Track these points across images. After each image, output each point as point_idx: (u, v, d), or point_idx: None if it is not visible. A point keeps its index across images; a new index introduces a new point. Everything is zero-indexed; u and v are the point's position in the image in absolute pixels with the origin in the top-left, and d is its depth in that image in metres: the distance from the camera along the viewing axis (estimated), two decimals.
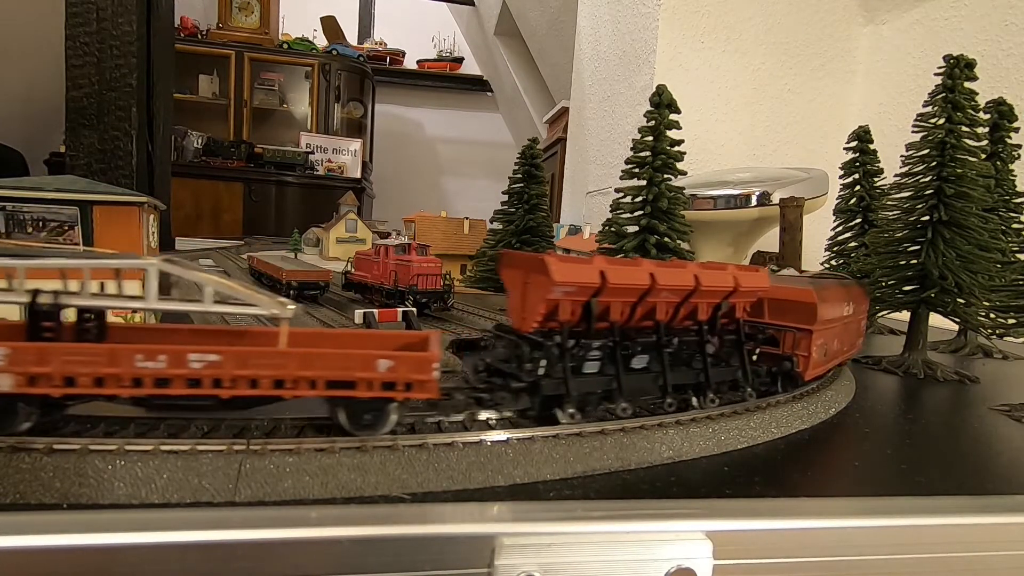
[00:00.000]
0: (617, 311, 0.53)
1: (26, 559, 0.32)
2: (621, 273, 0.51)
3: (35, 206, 0.75)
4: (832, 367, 0.78)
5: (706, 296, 0.57)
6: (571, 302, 0.50)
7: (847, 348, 0.83)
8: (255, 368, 0.42)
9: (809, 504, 0.46)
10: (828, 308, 0.70)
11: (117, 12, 1.37)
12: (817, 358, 0.69)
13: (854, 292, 0.84)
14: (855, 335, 0.87)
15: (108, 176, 1.39)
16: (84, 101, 1.37)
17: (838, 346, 0.77)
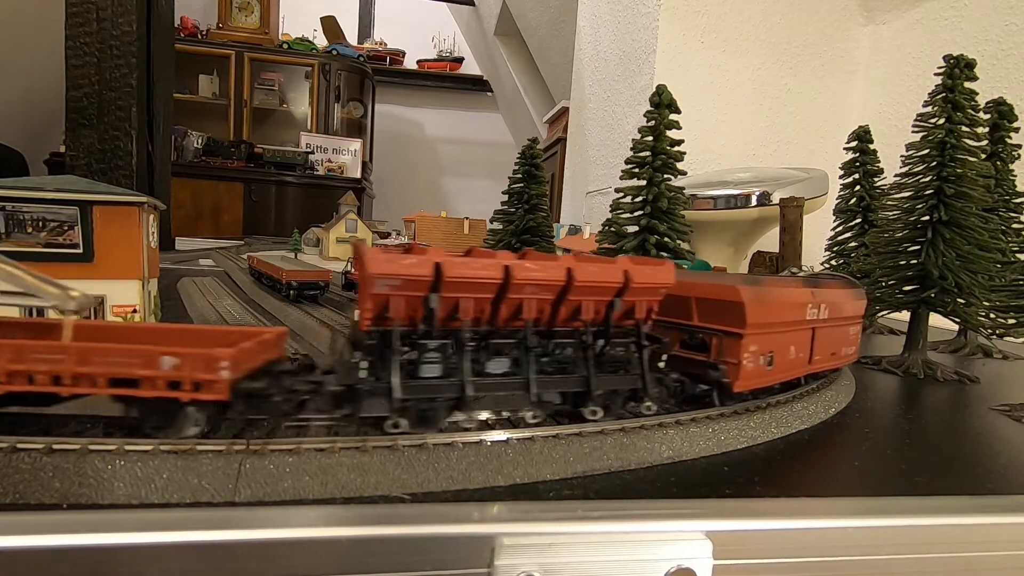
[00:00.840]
0: (473, 309, 0.47)
1: (26, 559, 0.32)
2: (464, 266, 0.45)
3: (35, 206, 0.74)
4: (792, 378, 0.69)
5: (588, 293, 0.50)
6: (405, 298, 0.45)
7: (823, 357, 0.73)
8: (30, 363, 0.39)
9: (809, 504, 0.46)
10: (767, 309, 0.60)
11: (117, 12, 1.37)
12: (752, 368, 0.59)
13: (834, 294, 0.74)
14: (838, 342, 0.76)
15: (108, 176, 1.39)
16: (84, 101, 1.37)
17: (799, 354, 0.67)
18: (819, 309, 0.69)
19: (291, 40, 4.50)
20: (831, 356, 0.75)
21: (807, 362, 0.70)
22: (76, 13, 1.35)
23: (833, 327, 0.73)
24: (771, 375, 0.63)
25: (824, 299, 0.70)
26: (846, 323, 0.77)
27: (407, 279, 0.44)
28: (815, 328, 0.69)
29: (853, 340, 0.80)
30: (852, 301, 0.79)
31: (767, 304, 0.60)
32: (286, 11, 4.69)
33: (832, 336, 0.74)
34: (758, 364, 0.60)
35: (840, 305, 0.75)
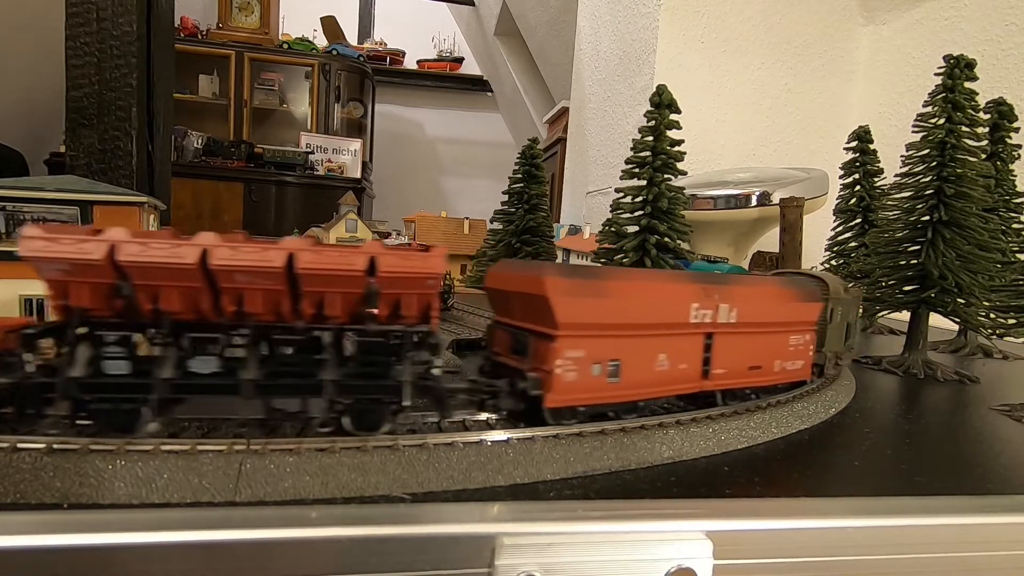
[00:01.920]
0: (179, 300, 0.41)
1: (26, 559, 0.32)
2: (145, 249, 0.39)
3: (35, 206, 0.75)
4: (668, 395, 0.56)
5: (321, 284, 0.42)
6: (86, 284, 0.39)
7: (734, 370, 0.60)
8: None
9: (809, 504, 0.46)
10: (598, 305, 0.49)
11: (117, 12, 1.37)
12: (574, 378, 0.48)
13: (753, 292, 0.61)
14: (768, 353, 0.63)
15: (108, 176, 1.39)
16: (84, 101, 1.37)
17: (677, 365, 0.55)
18: (718, 310, 0.57)
19: (291, 40, 4.50)
20: (752, 371, 0.61)
21: (699, 376, 0.57)
22: (76, 13, 1.35)
23: (753, 334, 0.60)
24: (616, 390, 0.51)
25: (730, 298, 0.57)
26: (780, 330, 0.63)
27: (75, 263, 0.38)
28: (713, 333, 0.57)
29: (799, 352, 0.66)
30: (792, 304, 0.64)
31: (599, 299, 0.49)
32: (286, 11, 4.69)
33: (753, 346, 0.61)
34: (587, 374, 0.49)
35: (765, 307, 0.61)
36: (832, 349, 0.77)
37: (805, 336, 0.67)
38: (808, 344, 0.67)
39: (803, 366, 0.67)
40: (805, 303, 0.66)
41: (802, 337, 0.67)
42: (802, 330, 0.67)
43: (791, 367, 0.66)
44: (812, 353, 0.68)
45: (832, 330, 0.75)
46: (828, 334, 0.74)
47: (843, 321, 0.79)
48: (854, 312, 0.86)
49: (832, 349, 0.77)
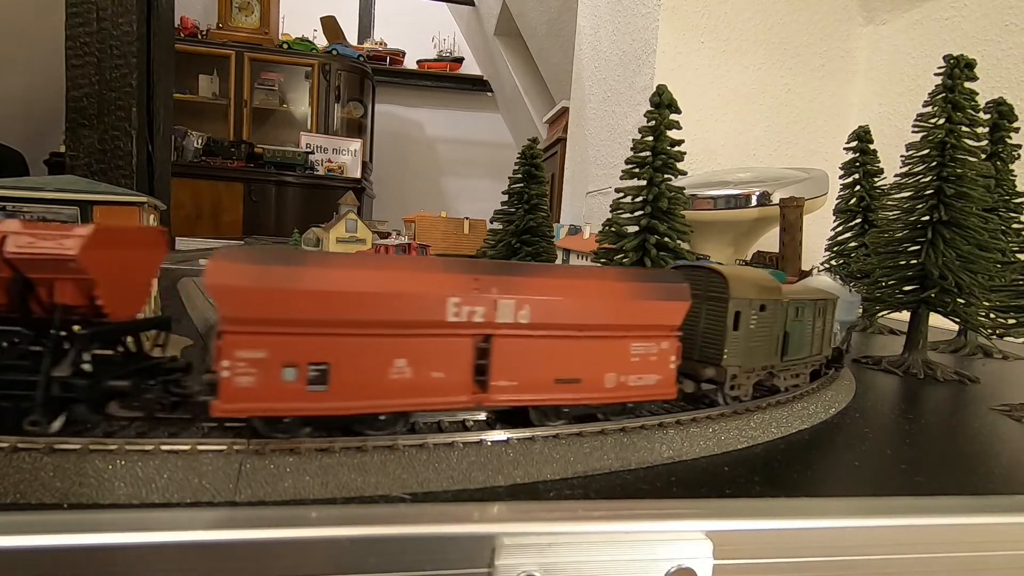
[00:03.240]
0: None
1: (26, 559, 0.32)
2: None
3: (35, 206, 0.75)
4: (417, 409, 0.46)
5: None
6: None
7: (531, 383, 0.48)
8: None
9: (809, 504, 0.46)
10: (292, 299, 0.40)
11: (117, 12, 1.37)
12: (248, 384, 0.39)
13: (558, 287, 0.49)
14: (593, 364, 0.50)
15: (108, 176, 1.39)
16: (84, 101, 1.37)
17: (430, 374, 0.44)
18: (497, 307, 0.45)
19: (291, 40, 4.50)
20: (562, 385, 0.49)
21: (470, 388, 0.46)
22: (76, 13, 1.35)
23: (561, 338, 0.48)
24: (322, 400, 0.41)
25: (518, 293, 0.46)
26: (611, 335, 0.51)
27: None
28: (492, 336, 0.46)
29: (651, 364, 0.52)
30: (635, 303, 0.51)
31: (293, 289, 0.40)
32: (286, 11, 4.69)
33: (562, 354, 0.49)
34: (273, 379, 0.40)
35: (581, 306, 0.49)
36: (744, 364, 0.61)
37: (661, 344, 0.53)
38: (667, 354, 0.53)
39: (659, 382, 0.53)
40: (658, 302, 0.52)
41: (654, 345, 0.52)
42: (654, 336, 0.53)
43: (636, 382, 0.52)
44: (674, 366, 0.54)
45: (740, 340, 0.60)
46: (731, 344, 0.60)
47: (770, 329, 0.64)
48: (815, 318, 0.72)
49: (744, 364, 0.61)
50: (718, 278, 0.61)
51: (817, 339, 0.74)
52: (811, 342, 0.72)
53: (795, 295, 0.68)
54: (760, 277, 0.66)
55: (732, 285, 0.60)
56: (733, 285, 0.60)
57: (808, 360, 0.73)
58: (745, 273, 0.64)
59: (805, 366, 0.73)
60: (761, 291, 0.63)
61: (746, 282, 0.62)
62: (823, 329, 0.75)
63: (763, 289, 0.64)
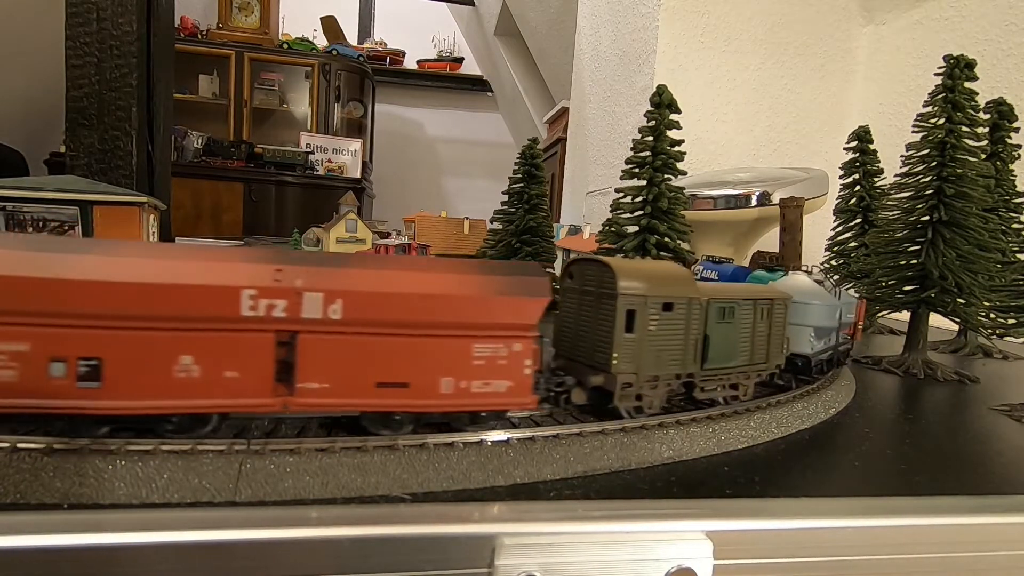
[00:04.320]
0: None
1: (26, 559, 0.32)
2: None
3: (35, 206, 0.75)
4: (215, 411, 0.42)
5: None
6: None
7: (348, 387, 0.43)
8: None
9: (809, 504, 0.46)
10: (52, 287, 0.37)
11: (117, 12, 1.37)
12: (9, 377, 0.37)
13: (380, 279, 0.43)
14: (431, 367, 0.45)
15: (108, 176, 1.39)
16: (84, 101, 1.37)
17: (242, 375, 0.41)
18: (303, 301, 0.41)
19: (291, 40, 4.50)
20: (386, 390, 0.44)
21: (271, 390, 0.41)
22: (76, 13, 1.35)
23: (384, 337, 0.43)
24: (96, 397, 0.38)
25: (329, 286, 0.41)
26: (447, 335, 0.45)
27: None
28: (298, 333, 0.41)
29: (499, 369, 0.46)
30: (479, 299, 0.45)
31: (57, 278, 0.37)
32: (286, 11, 4.69)
33: (386, 355, 0.43)
34: (36, 374, 0.37)
35: (409, 302, 0.43)
36: (642, 371, 0.54)
37: (512, 346, 0.46)
38: (520, 358, 0.47)
39: (511, 388, 0.47)
40: (507, 298, 0.45)
41: (504, 347, 0.46)
42: (503, 337, 0.46)
43: (482, 388, 0.46)
44: (529, 371, 0.47)
45: (636, 344, 0.53)
46: (622, 347, 0.53)
47: (682, 332, 0.57)
48: (756, 320, 0.64)
49: (642, 371, 0.54)
50: (607, 271, 0.54)
51: (760, 344, 0.65)
52: (751, 347, 0.64)
53: (720, 293, 0.61)
54: (667, 271, 0.58)
55: (622, 279, 0.53)
56: (623, 279, 0.53)
57: (749, 369, 0.64)
58: (644, 266, 0.57)
59: (746, 375, 0.64)
60: (665, 287, 0.55)
61: (642, 276, 0.54)
62: (768, 333, 0.65)
63: (668, 285, 0.55)
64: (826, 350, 0.78)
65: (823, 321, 0.75)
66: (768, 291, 0.67)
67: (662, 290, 0.55)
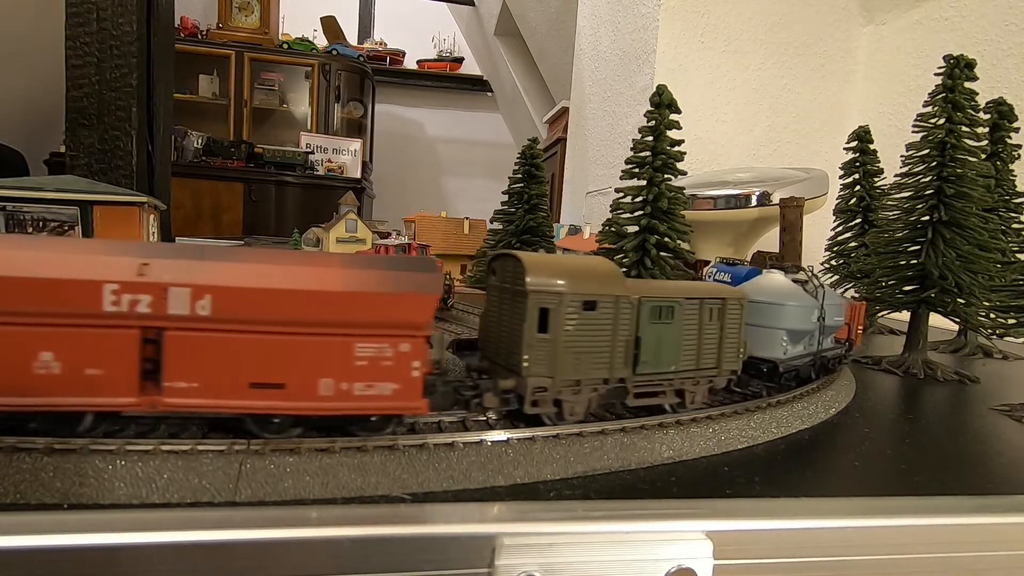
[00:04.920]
0: None
1: (26, 559, 0.32)
2: None
3: (35, 206, 0.75)
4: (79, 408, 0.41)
5: None
6: None
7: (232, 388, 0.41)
8: None
9: (809, 504, 0.46)
10: None
11: (117, 12, 1.37)
12: None
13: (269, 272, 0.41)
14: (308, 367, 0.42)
15: (108, 176, 1.39)
16: (84, 101, 1.37)
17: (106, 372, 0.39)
18: (169, 297, 0.39)
19: (291, 40, 4.50)
20: (260, 390, 0.41)
21: (136, 389, 0.40)
22: (76, 13, 1.35)
23: (258, 335, 0.41)
24: None
25: (198, 280, 0.40)
26: (326, 333, 0.42)
27: None
28: (164, 330, 0.40)
29: (384, 371, 0.43)
30: (362, 296, 0.42)
31: None
32: (286, 11, 4.69)
33: (260, 353, 0.41)
34: None
35: (284, 298, 0.41)
36: (559, 375, 0.50)
37: (399, 346, 0.43)
38: (407, 359, 0.44)
39: (397, 392, 0.44)
40: (391, 294, 0.43)
41: (389, 348, 0.43)
42: (388, 337, 0.43)
43: (365, 391, 0.43)
44: (418, 373, 0.44)
45: (551, 345, 0.49)
46: (534, 349, 0.49)
47: (609, 333, 0.52)
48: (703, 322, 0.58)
49: (559, 375, 0.50)
50: (519, 266, 0.50)
51: (709, 348, 0.59)
52: (697, 351, 0.58)
53: (655, 291, 0.55)
54: (590, 267, 0.53)
55: (533, 275, 0.48)
56: (535, 275, 0.48)
57: (696, 374, 0.59)
58: (564, 261, 0.52)
59: (693, 382, 0.59)
60: (585, 284, 0.51)
61: (559, 272, 0.50)
62: (719, 336, 0.60)
63: (589, 282, 0.51)
64: (804, 355, 0.73)
65: (798, 324, 0.70)
66: (720, 290, 0.62)
67: (582, 287, 0.50)
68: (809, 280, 0.75)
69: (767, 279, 0.74)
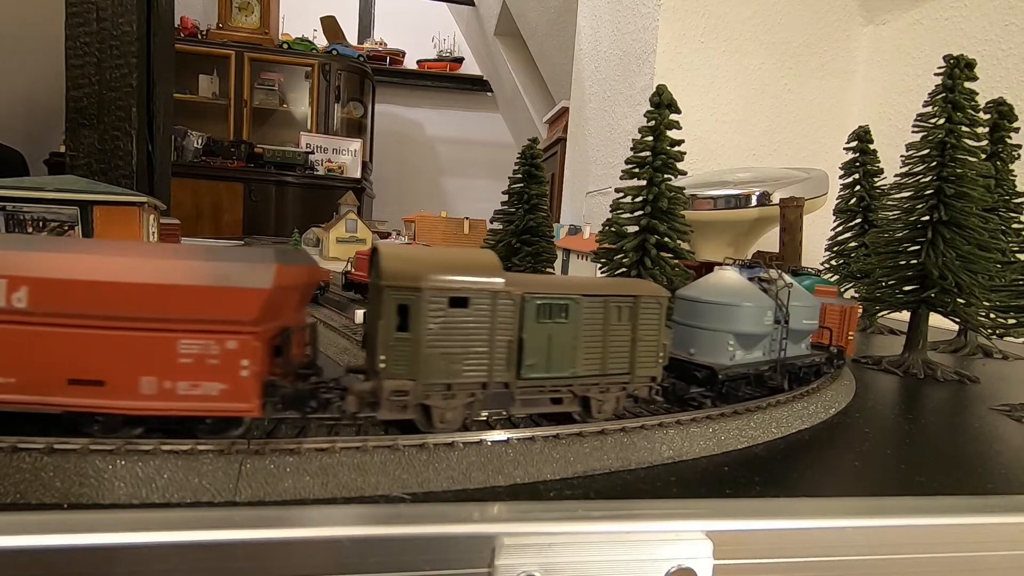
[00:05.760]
0: None
1: (26, 559, 0.32)
2: None
3: (35, 206, 0.75)
4: None
5: None
6: None
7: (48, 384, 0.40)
8: None
9: (809, 504, 0.46)
10: None
11: (117, 12, 1.37)
12: None
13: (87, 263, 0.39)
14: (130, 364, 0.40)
15: (108, 176, 1.39)
16: (84, 101, 1.37)
17: None
18: None
19: (291, 40, 4.50)
20: (80, 387, 0.40)
21: None
22: (76, 13, 1.35)
23: (78, 330, 0.39)
24: None
25: (11, 271, 0.38)
26: (148, 327, 0.40)
27: None
28: None
29: (213, 369, 0.41)
30: (177, 287, 0.39)
31: None
32: (286, 11, 4.69)
33: (78, 348, 0.39)
34: None
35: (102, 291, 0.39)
36: (423, 377, 0.45)
37: (226, 344, 0.41)
38: (235, 357, 0.41)
39: (224, 392, 0.41)
40: (216, 287, 0.40)
41: (216, 345, 0.41)
42: (214, 333, 0.41)
43: (190, 391, 0.41)
44: (247, 372, 0.41)
45: (413, 345, 0.45)
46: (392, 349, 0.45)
47: (486, 333, 0.47)
48: (608, 322, 0.52)
49: (423, 377, 0.45)
50: (378, 259, 0.46)
51: (618, 351, 0.53)
52: (602, 355, 0.52)
53: (545, 288, 0.50)
54: (461, 260, 0.48)
55: (389, 269, 0.44)
56: (392, 269, 0.44)
57: (602, 380, 0.53)
58: (430, 255, 0.48)
59: (601, 388, 0.53)
60: (454, 278, 0.46)
61: (420, 265, 0.45)
62: (631, 338, 0.53)
63: (458, 276, 0.46)
64: (760, 362, 0.66)
65: (748, 327, 0.63)
66: (633, 286, 0.55)
67: (449, 282, 0.46)
68: (776, 279, 0.69)
69: (717, 277, 0.68)
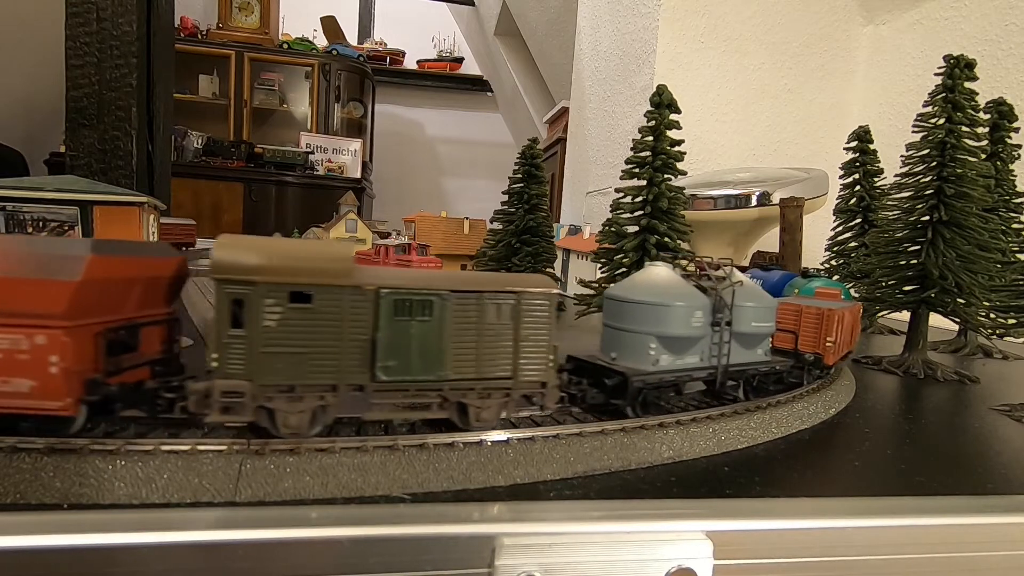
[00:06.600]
0: None
1: (26, 559, 0.32)
2: None
3: (35, 206, 0.75)
4: None
5: None
6: None
7: None
8: None
9: (809, 504, 0.46)
10: None
11: (117, 12, 1.37)
12: None
13: None
14: None
15: (108, 176, 1.39)
16: (84, 101, 1.37)
17: None
18: None
19: (291, 40, 4.50)
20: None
21: None
22: (76, 13, 1.35)
23: None
24: None
25: None
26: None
27: None
28: None
29: (21, 365, 0.39)
30: None
31: None
32: (286, 11, 4.69)
33: None
34: None
35: None
36: (262, 378, 0.42)
37: (34, 339, 0.39)
38: (44, 353, 0.39)
39: (34, 389, 0.39)
40: (19, 280, 0.38)
41: (24, 339, 0.39)
42: (21, 327, 0.39)
43: (0, 387, 0.39)
44: (57, 369, 0.39)
45: (249, 343, 0.41)
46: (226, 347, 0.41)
47: (333, 332, 0.43)
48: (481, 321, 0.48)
49: (262, 378, 0.42)
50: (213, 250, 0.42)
51: (497, 353, 0.49)
52: (476, 357, 0.48)
53: (406, 282, 0.45)
54: (307, 251, 0.44)
55: (221, 261, 0.41)
56: (224, 261, 0.41)
57: (479, 384, 0.48)
58: (273, 245, 0.43)
59: (479, 393, 0.48)
60: (296, 271, 0.42)
61: (257, 256, 0.41)
62: (514, 339, 0.49)
63: (300, 268, 0.42)
64: (694, 369, 0.60)
65: (674, 328, 0.57)
66: (516, 281, 0.49)
67: (288, 275, 0.41)
68: (722, 278, 0.63)
69: (646, 274, 0.62)
